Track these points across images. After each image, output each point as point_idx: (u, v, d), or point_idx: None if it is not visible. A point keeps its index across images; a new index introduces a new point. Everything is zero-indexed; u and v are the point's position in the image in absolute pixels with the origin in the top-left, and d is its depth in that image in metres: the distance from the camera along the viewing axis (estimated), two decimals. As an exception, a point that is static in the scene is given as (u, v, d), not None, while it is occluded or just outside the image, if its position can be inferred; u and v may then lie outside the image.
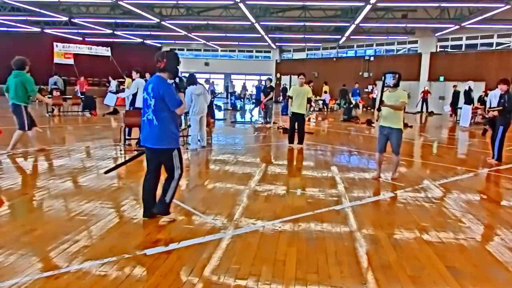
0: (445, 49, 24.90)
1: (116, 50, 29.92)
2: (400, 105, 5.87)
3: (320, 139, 10.96)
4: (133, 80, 8.95)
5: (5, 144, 7.32)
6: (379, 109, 6.05)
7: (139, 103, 8.84)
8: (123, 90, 15.35)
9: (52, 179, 5.75)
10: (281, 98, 26.99)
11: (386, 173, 6.59)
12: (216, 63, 34.18)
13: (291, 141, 9.32)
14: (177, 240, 3.57)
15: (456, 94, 18.82)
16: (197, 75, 9.29)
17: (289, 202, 4.92)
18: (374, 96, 24.19)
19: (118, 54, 29.06)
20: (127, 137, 8.70)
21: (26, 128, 7.23)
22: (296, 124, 9.18)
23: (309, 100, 9.31)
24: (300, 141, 9.25)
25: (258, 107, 15.75)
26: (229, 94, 25.78)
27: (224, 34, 27.20)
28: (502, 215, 4.72)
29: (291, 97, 9.22)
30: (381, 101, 5.91)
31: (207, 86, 11.81)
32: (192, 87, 8.24)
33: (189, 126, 8.67)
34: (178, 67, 3.96)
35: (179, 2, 19.59)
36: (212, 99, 12.77)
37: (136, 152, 5.02)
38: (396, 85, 5.93)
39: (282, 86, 29.19)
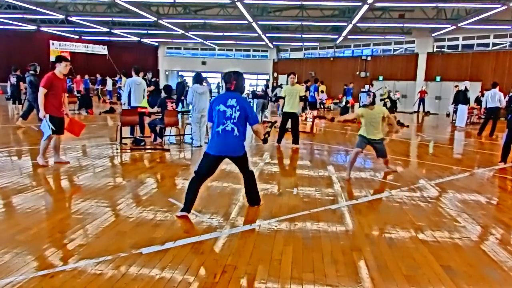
0: (442, 49, 24.96)
1: (113, 48, 29.79)
2: (395, 122, 6.59)
3: (317, 138, 10.97)
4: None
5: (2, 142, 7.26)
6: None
7: (134, 102, 8.83)
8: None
9: (48, 177, 5.73)
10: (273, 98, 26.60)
11: (381, 171, 6.62)
12: (213, 62, 34.12)
13: (279, 140, 9.12)
14: (173, 239, 3.56)
15: (457, 94, 18.83)
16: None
17: (285, 201, 4.92)
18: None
19: (115, 53, 28.92)
20: (129, 135, 8.80)
21: None
22: (289, 123, 8.97)
23: (301, 99, 9.06)
24: (295, 141, 8.95)
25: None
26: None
27: (221, 33, 27.14)
28: (497, 215, 4.74)
29: (283, 97, 9.05)
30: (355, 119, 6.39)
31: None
32: (195, 85, 8.27)
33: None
34: (244, 85, 4.37)
35: (176, 0, 19.52)
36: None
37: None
38: (372, 103, 6.15)
39: (274, 86, 28.61)
